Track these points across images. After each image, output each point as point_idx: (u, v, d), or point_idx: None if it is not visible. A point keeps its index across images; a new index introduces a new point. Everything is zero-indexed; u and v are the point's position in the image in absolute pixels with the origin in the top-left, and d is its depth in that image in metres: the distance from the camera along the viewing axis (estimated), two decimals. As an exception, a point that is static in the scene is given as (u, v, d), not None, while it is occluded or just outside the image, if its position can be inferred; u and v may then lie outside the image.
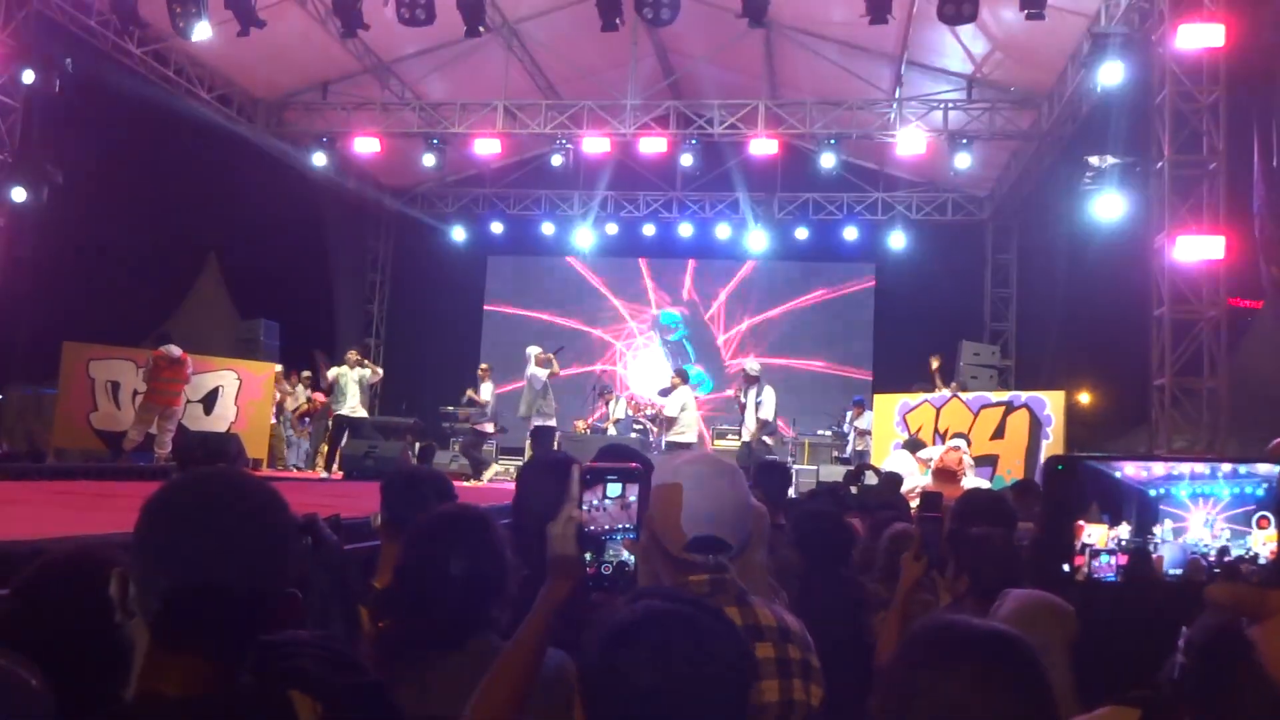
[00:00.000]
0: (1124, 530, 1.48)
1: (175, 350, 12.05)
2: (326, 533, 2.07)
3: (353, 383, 13.39)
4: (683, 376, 12.89)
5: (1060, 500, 1.51)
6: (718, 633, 1.33)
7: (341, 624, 2.21)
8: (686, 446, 11.72)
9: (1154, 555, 1.48)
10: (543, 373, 12.44)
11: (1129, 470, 1.50)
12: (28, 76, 11.98)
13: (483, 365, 14.44)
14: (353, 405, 13.36)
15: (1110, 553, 1.51)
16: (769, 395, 12.08)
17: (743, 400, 12.21)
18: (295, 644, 1.36)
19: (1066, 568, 1.50)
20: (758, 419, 11.95)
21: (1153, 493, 1.50)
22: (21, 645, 1.29)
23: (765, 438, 12.03)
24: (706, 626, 1.32)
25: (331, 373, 13.68)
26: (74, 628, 1.38)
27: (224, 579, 1.24)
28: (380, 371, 14.35)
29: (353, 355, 13.79)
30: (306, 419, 15.51)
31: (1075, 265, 15.48)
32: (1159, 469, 1.52)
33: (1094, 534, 1.47)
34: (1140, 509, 1.50)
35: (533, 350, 12.79)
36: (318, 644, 1.39)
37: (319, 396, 15.38)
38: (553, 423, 12.67)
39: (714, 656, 1.28)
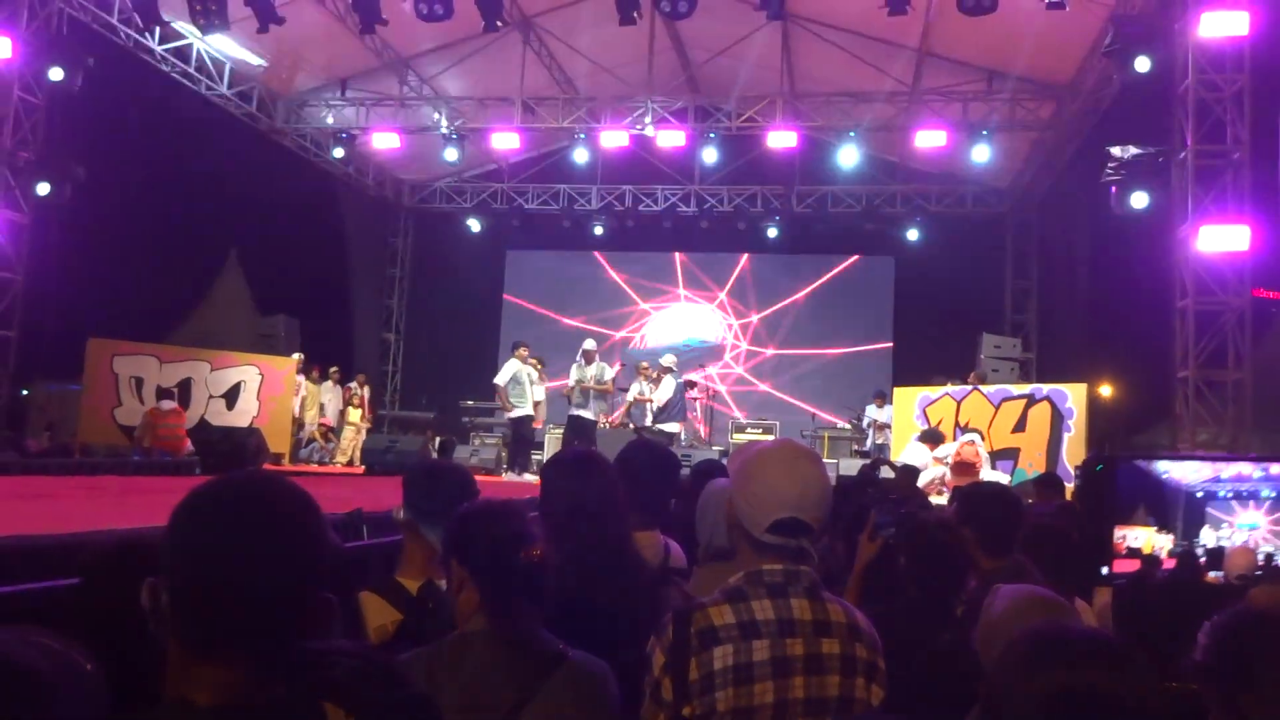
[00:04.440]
0: (1170, 535, 1.46)
1: (167, 403, 12.65)
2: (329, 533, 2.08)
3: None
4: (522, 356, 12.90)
5: (1099, 501, 1.48)
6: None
7: (339, 628, 2.20)
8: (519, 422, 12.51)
9: (1200, 558, 1.47)
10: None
11: (1175, 472, 1.48)
12: (52, 74, 12.07)
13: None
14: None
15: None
16: (664, 384, 12.87)
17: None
18: (335, 654, 1.33)
19: (1105, 570, 1.48)
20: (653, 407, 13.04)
21: (1199, 494, 1.48)
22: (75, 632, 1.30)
23: (660, 425, 12.71)
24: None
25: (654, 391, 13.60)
26: (123, 617, 1.36)
27: (255, 584, 1.21)
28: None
29: (644, 366, 13.56)
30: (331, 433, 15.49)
31: (1097, 257, 15.37)
32: (1205, 469, 1.50)
33: (1139, 538, 1.45)
34: (1187, 511, 1.47)
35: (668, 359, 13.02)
36: (359, 654, 1.35)
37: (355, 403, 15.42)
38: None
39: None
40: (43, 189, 12.19)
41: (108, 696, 1.21)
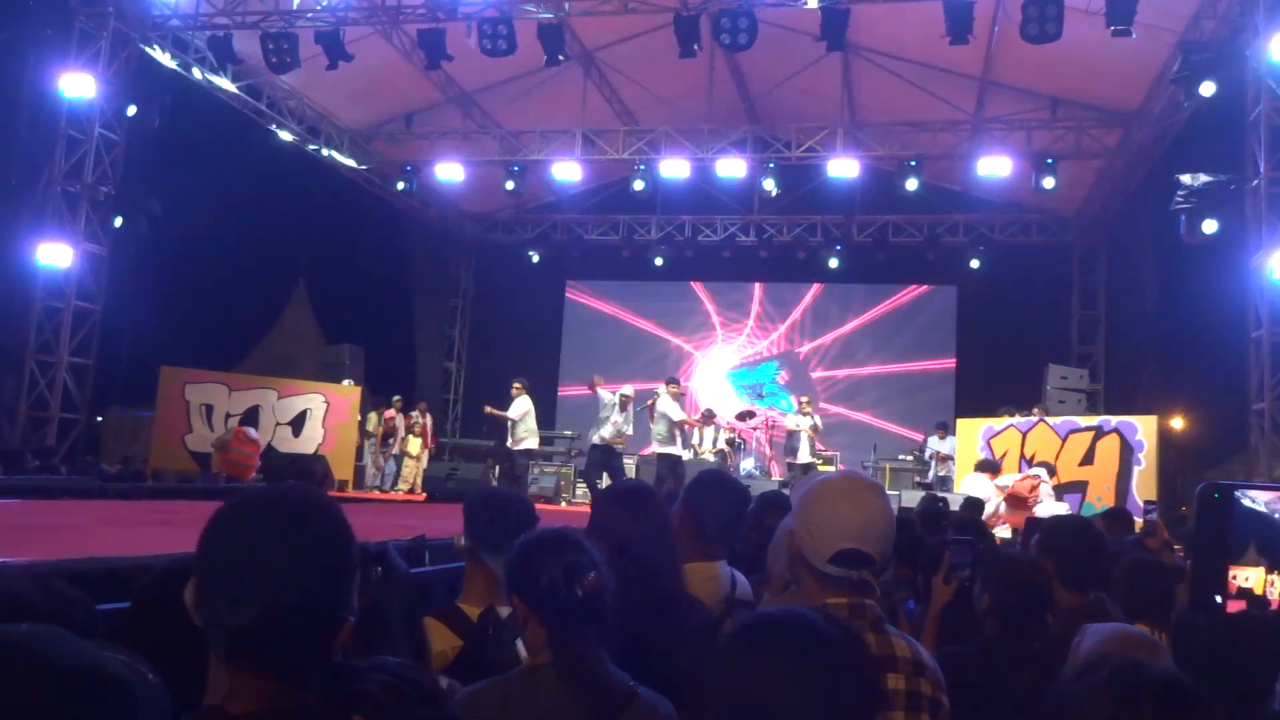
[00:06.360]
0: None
1: (252, 431, 12.64)
2: (397, 561, 2.09)
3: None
4: (523, 387, 12.97)
5: (1212, 530, 1.44)
6: (843, 648, 1.35)
7: (407, 651, 2.22)
8: (528, 454, 12.89)
9: None
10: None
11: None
12: (129, 111, 12.50)
13: (515, 383, 13.28)
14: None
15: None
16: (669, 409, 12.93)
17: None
18: (369, 669, 1.35)
19: (1219, 599, 1.44)
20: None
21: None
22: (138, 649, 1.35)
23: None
24: (831, 639, 1.34)
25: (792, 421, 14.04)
26: (180, 636, 1.41)
27: (277, 598, 1.24)
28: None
29: (804, 400, 14.33)
30: (390, 440, 15.75)
31: (1167, 286, 15.03)
32: None
33: (1251, 577, 1.41)
34: None
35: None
36: (395, 671, 1.37)
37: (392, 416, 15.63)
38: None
39: (836, 670, 1.30)
40: (119, 222, 12.59)
41: (170, 707, 1.25)
